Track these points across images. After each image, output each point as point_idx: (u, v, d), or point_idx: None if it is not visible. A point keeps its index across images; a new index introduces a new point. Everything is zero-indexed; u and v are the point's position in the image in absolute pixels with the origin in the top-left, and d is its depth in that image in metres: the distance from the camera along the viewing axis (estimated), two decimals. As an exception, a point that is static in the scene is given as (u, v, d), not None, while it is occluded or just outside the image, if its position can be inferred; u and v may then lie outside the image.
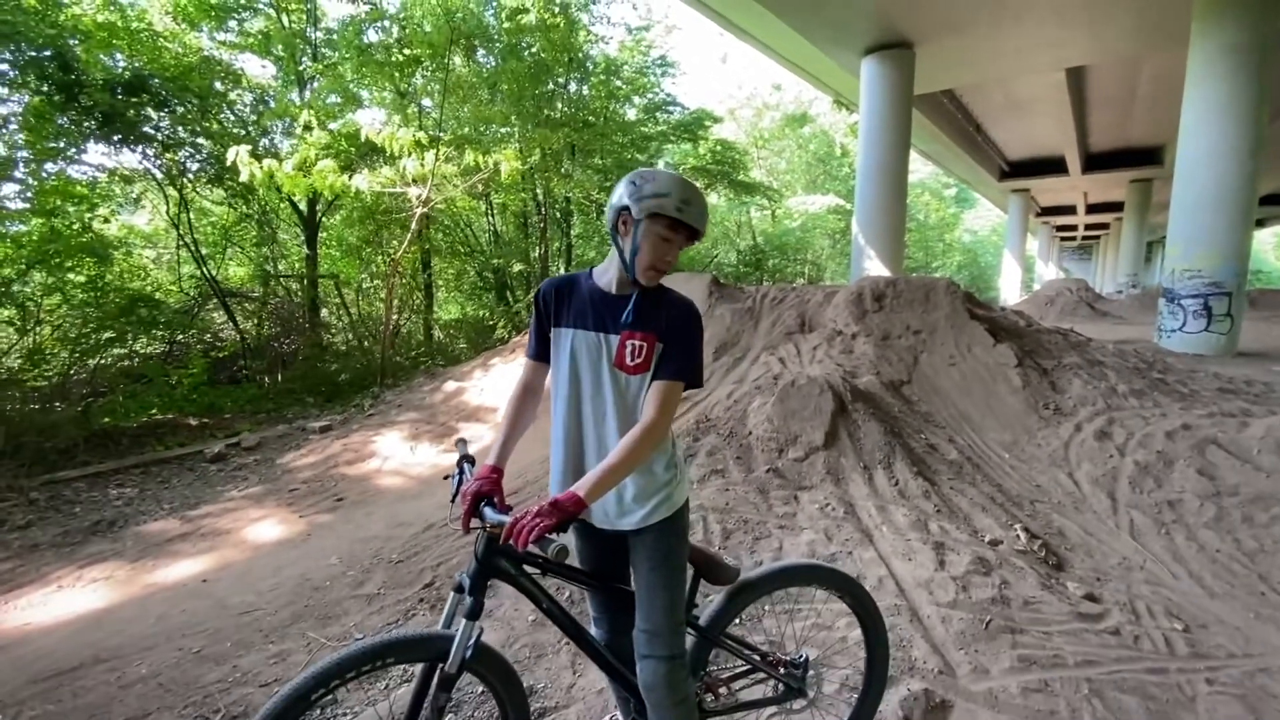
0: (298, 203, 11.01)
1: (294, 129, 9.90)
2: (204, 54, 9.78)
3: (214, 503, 4.78)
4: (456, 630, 1.45)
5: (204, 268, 10.03)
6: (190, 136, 9.47)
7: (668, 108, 16.13)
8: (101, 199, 8.80)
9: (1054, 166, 23.94)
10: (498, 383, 7.33)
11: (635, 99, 15.93)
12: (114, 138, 8.41)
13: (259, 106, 10.55)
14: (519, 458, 4.69)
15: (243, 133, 10.00)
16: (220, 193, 10.38)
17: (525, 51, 12.03)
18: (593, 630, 1.77)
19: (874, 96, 12.28)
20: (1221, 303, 8.50)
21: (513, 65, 11.63)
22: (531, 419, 1.67)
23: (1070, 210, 33.45)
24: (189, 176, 9.72)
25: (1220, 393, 5.34)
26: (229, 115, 10.33)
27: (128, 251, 9.50)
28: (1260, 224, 34.54)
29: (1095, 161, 23.10)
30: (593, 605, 1.80)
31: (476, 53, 11.90)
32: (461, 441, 1.77)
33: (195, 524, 4.36)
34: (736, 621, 2.76)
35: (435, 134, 9.32)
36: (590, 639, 1.66)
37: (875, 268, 12.14)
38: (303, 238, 11.67)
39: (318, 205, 11.18)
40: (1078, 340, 6.17)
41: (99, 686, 2.61)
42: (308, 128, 8.56)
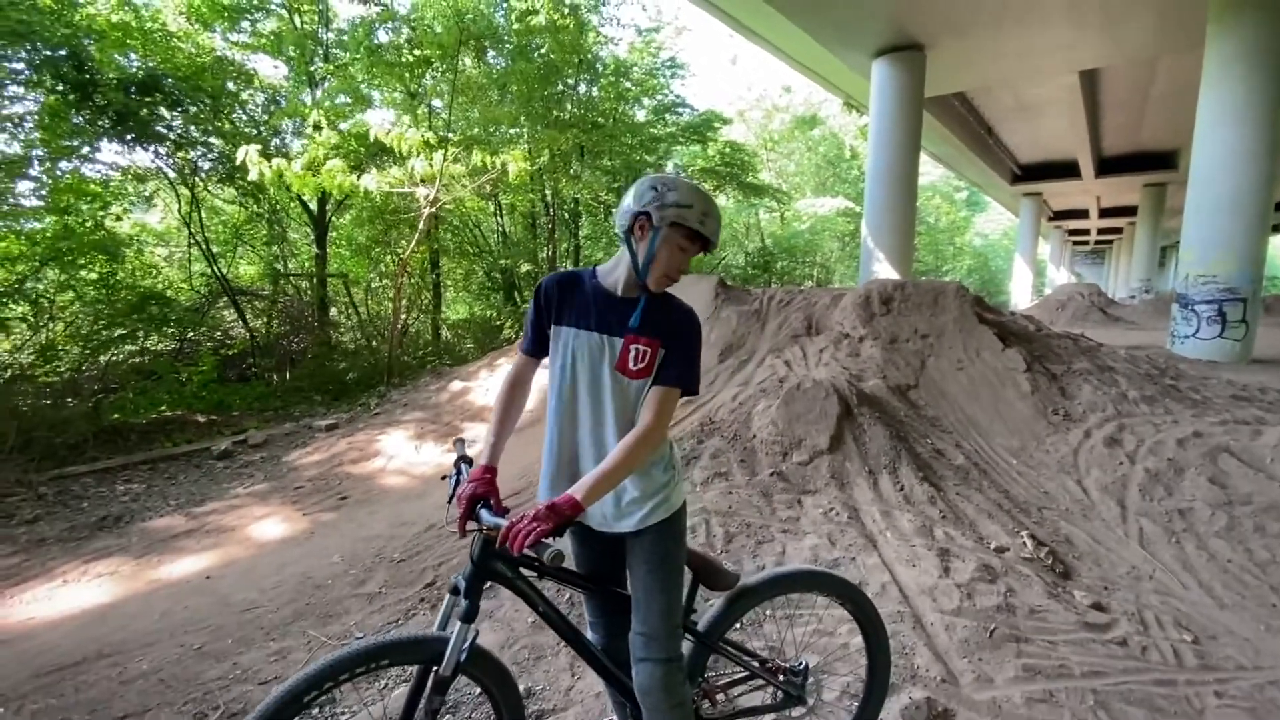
0: (308, 202, 11.08)
1: (304, 129, 9.97)
2: (217, 54, 9.87)
3: (220, 500, 4.81)
4: (452, 633, 1.44)
5: (214, 266, 10.12)
6: (202, 136, 9.55)
7: (677, 109, 16.12)
8: (114, 197, 8.89)
9: (1066, 170, 23.72)
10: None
11: (645, 100, 15.93)
12: (127, 137, 8.49)
13: (271, 107, 10.63)
14: (520, 458, 4.69)
15: (254, 132, 10.08)
16: (231, 192, 10.47)
17: (535, 53, 12.06)
18: (589, 634, 1.76)
19: (884, 99, 12.22)
20: (1236, 309, 8.39)
21: (521, 66, 11.66)
22: (520, 413, 1.67)
23: (1083, 214, 33.13)
24: (200, 175, 9.80)
25: (1234, 400, 5.26)
26: (241, 115, 10.42)
27: (139, 250, 9.58)
28: (1277, 229, 34.10)
29: (1108, 165, 22.86)
30: (589, 609, 1.78)
31: (487, 54, 11.95)
32: (459, 441, 1.76)
33: (200, 521, 4.38)
34: (737, 626, 2.76)
35: (444, 135, 9.35)
36: (586, 643, 1.65)
37: (884, 271, 12.07)
38: (313, 237, 11.75)
39: (327, 205, 11.24)
40: (1088, 345, 6.10)
41: (101, 681, 2.62)
42: (317, 127, 8.61)
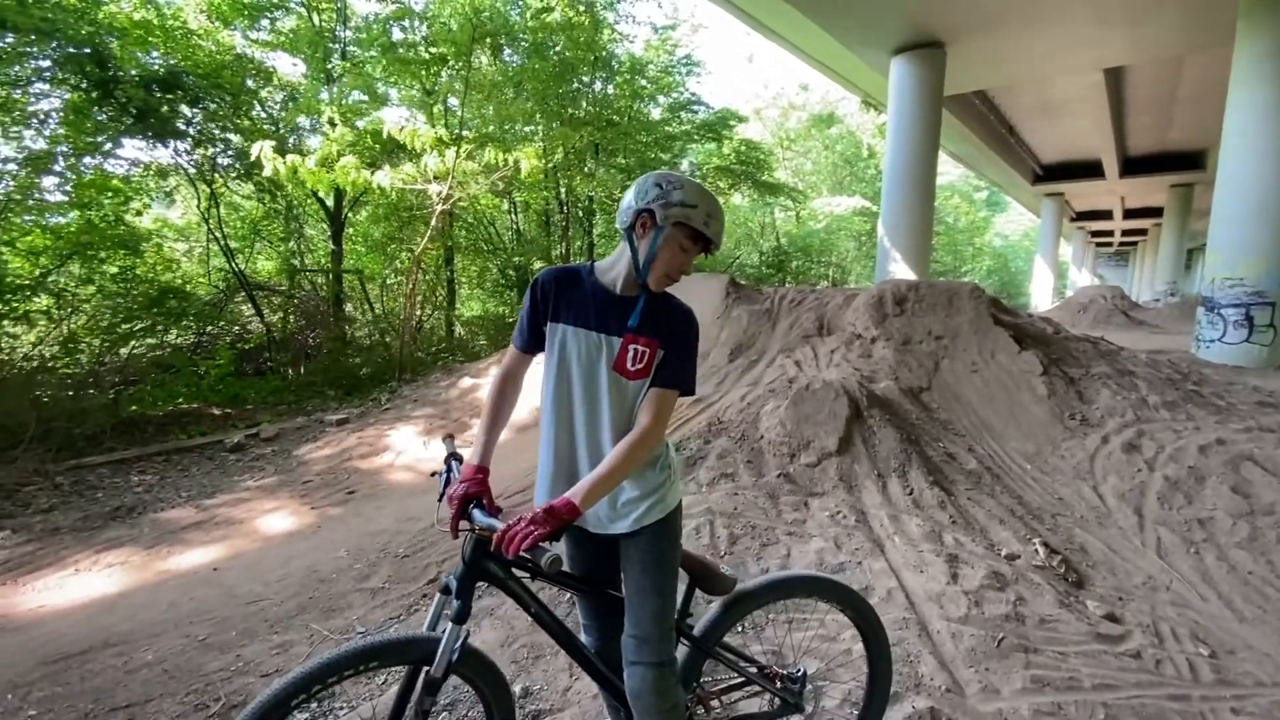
0: (324, 199, 11.18)
1: (320, 126, 10.06)
2: (236, 52, 9.99)
3: (230, 492, 4.86)
4: (442, 633, 1.42)
5: (232, 261, 10.24)
6: (221, 132, 9.67)
7: (692, 107, 16.04)
8: (136, 192, 9.04)
9: (1090, 170, 23.28)
10: (531, 379, 7.35)
11: (660, 98, 15.87)
12: (148, 133, 8.61)
13: (289, 104, 10.74)
14: (527, 457, 4.68)
15: (273, 129, 10.19)
16: (249, 188, 10.59)
17: (550, 50, 12.06)
18: (583, 637, 1.73)
19: (903, 97, 12.06)
20: (1264, 313, 8.17)
21: (536, 64, 11.67)
22: (512, 410, 1.66)
23: (1107, 215, 32.53)
24: (219, 172, 9.93)
25: (1259, 406, 5.12)
26: (261, 113, 10.54)
27: (158, 245, 9.73)
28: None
29: (1134, 165, 22.41)
30: (583, 611, 1.76)
31: (503, 51, 11.97)
32: (449, 438, 1.74)
33: (210, 513, 4.43)
34: (738, 629, 2.72)
35: (459, 132, 9.38)
36: (580, 645, 1.62)
37: (901, 271, 11.92)
38: (329, 233, 11.86)
39: (343, 201, 11.34)
40: (1108, 349, 5.97)
41: (106, 671, 2.65)
42: (331, 123, 8.68)
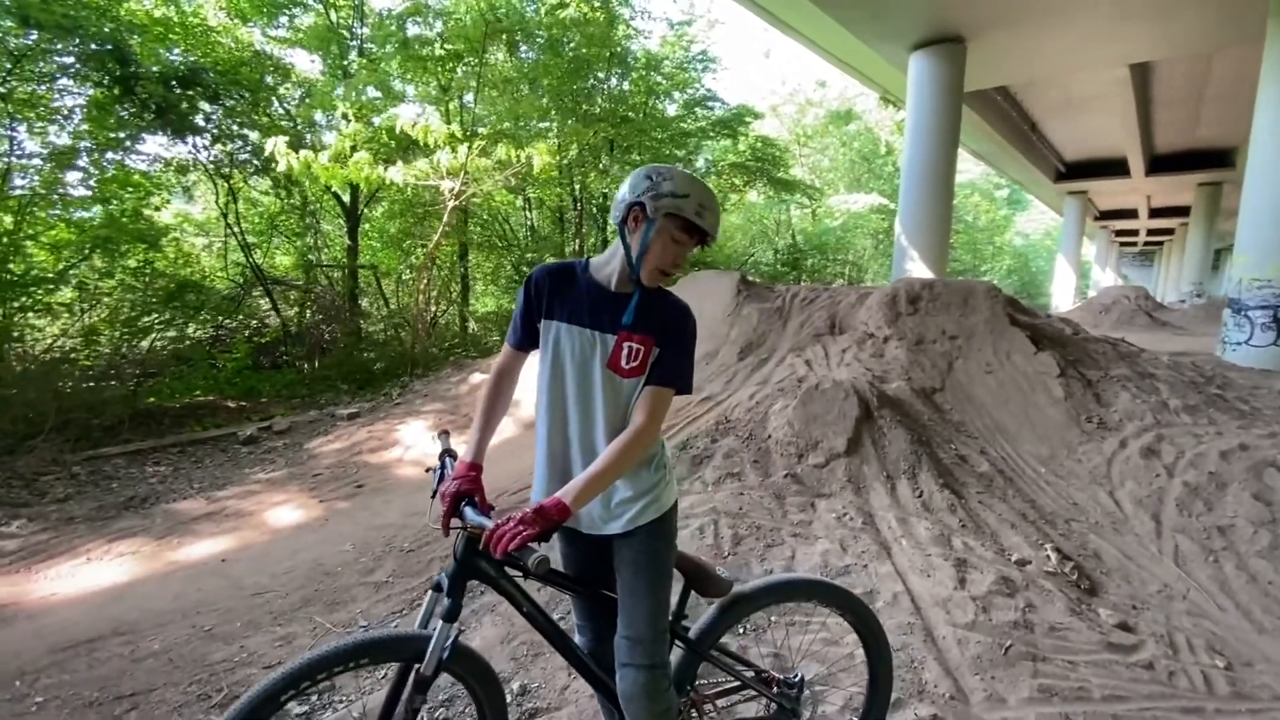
0: (340, 194, 11.28)
1: (335, 122, 10.14)
2: (255, 49, 10.09)
3: (240, 484, 4.92)
4: (434, 631, 1.41)
5: (250, 256, 10.37)
6: (239, 129, 9.78)
7: (708, 103, 15.93)
8: (156, 188, 9.17)
9: (1115, 168, 22.80)
10: (522, 376, 7.36)
11: (675, 94, 15.79)
12: (167, 129, 8.73)
13: (306, 100, 10.84)
14: (528, 455, 4.68)
15: (290, 126, 10.29)
16: (266, 183, 10.71)
17: (565, 47, 12.04)
18: (576, 637, 1.72)
19: (922, 93, 11.88)
20: (1293, 315, 7.97)
21: (550, 60, 11.65)
22: (507, 408, 1.65)
23: (1131, 214, 31.88)
24: (237, 167, 10.05)
25: (1285, 411, 4.97)
26: (279, 109, 10.65)
27: (175, 240, 9.87)
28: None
29: (1160, 163, 21.92)
30: (577, 611, 1.74)
31: (519, 48, 11.97)
32: (444, 434, 1.73)
33: (220, 504, 4.48)
34: (739, 631, 2.69)
35: (473, 129, 9.41)
36: (573, 646, 1.61)
37: (918, 270, 11.76)
38: (345, 229, 11.96)
39: (359, 197, 11.43)
40: (1128, 350, 5.83)
41: (113, 659, 2.69)
42: (345, 118, 8.75)
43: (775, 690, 1.80)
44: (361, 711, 2.14)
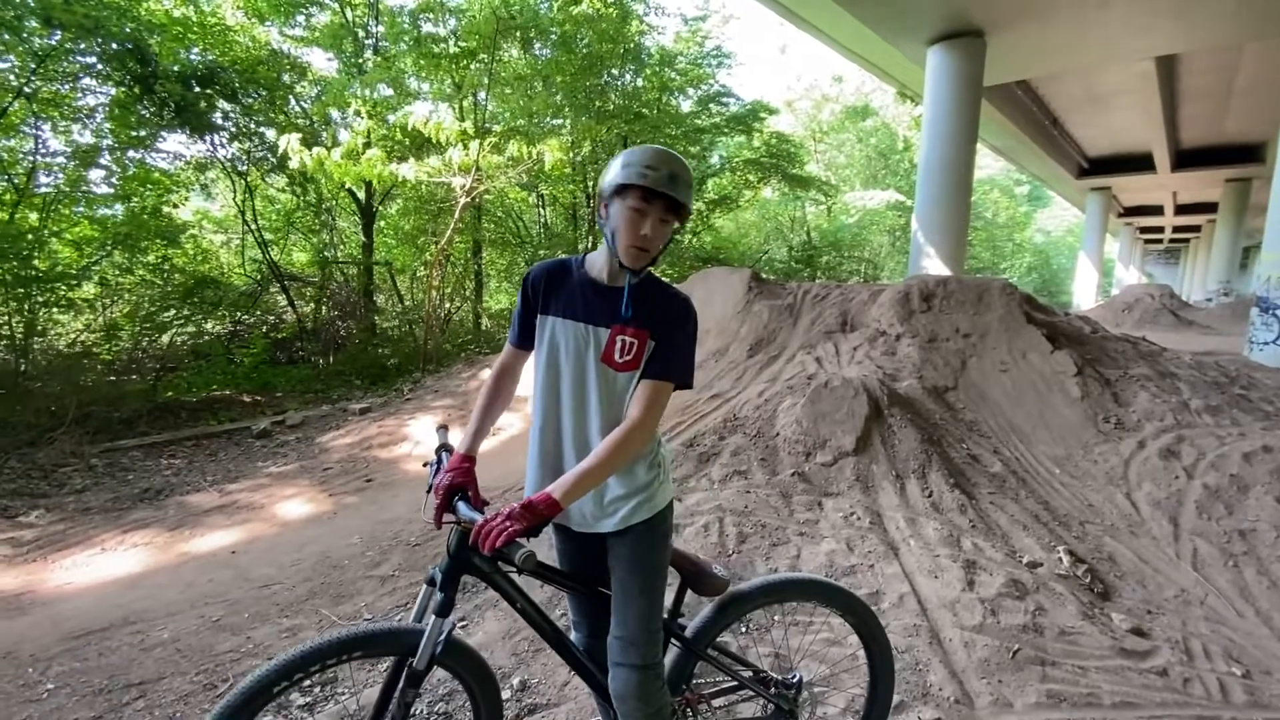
0: (355, 191, 11.37)
1: (349, 119, 10.22)
2: (272, 48, 10.19)
3: (252, 478, 4.98)
4: (427, 625, 1.41)
5: (266, 252, 10.49)
6: (256, 127, 9.89)
7: (723, 100, 15.82)
8: (176, 185, 9.31)
9: (1139, 163, 22.32)
10: (530, 373, 7.39)
11: (690, 90, 15.69)
12: (186, 127, 8.85)
13: (320, 97, 10.94)
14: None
15: (307, 123, 10.39)
16: (283, 180, 10.82)
17: (578, 43, 12.02)
18: (572, 634, 1.71)
19: (939, 88, 11.69)
20: (1323, 314, 7.76)
21: (563, 57, 11.64)
22: (506, 405, 1.65)
23: (1157, 211, 31.21)
24: (254, 164, 10.17)
25: (1313, 413, 4.83)
26: (296, 107, 10.75)
27: (194, 237, 10.01)
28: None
29: (1186, 158, 21.40)
30: (572, 608, 1.73)
31: (534, 45, 11.96)
32: (442, 429, 1.73)
33: (232, 497, 4.54)
34: (741, 630, 2.67)
35: (485, 126, 9.42)
36: (568, 643, 1.60)
37: (934, 267, 11.60)
38: (360, 225, 12.07)
39: (373, 194, 11.52)
40: (1149, 350, 5.70)
41: (122, 648, 2.73)
42: (358, 114, 8.80)
43: (773, 690, 1.78)
44: (356, 704, 2.15)
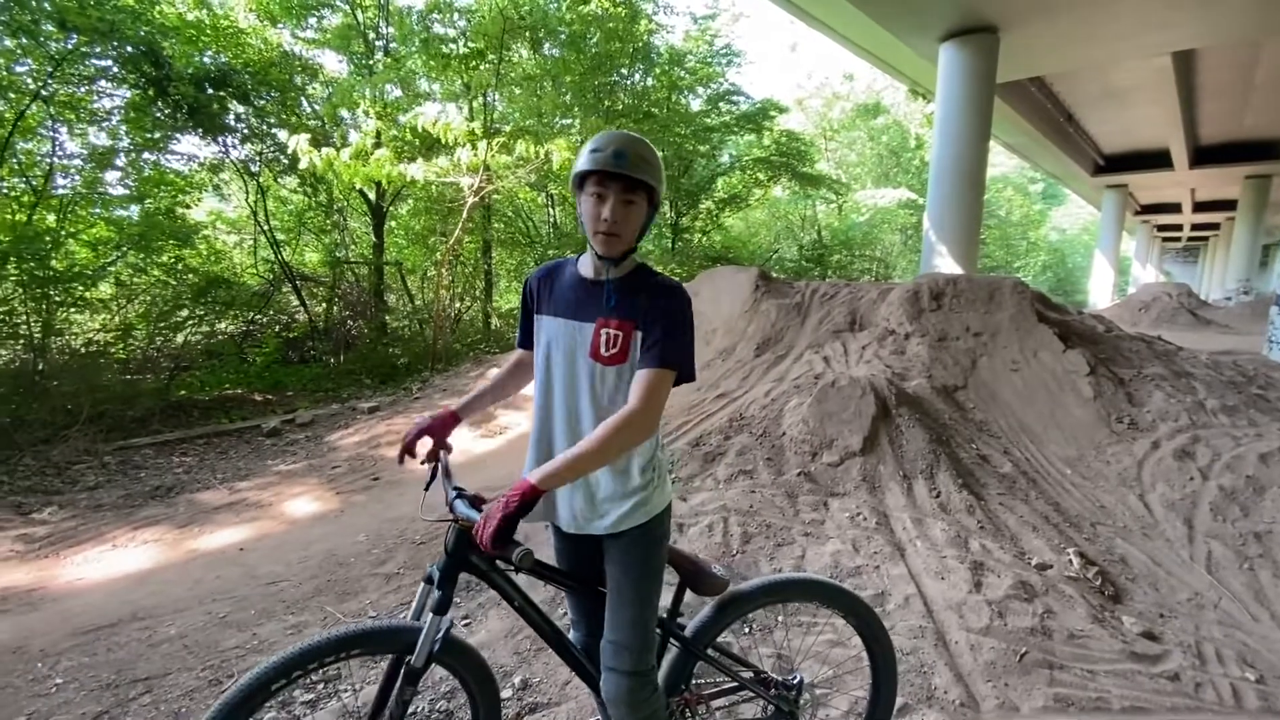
0: (366, 192, 11.45)
1: (359, 120, 10.29)
2: (284, 50, 10.28)
3: (261, 475, 5.03)
4: (424, 623, 1.41)
5: (279, 253, 10.58)
6: (269, 128, 9.98)
7: (732, 98, 15.78)
8: (190, 186, 9.41)
9: (1156, 160, 21.96)
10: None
11: (699, 89, 15.66)
12: (199, 129, 8.95)
13: (330, 98, 11.01)
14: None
15: (318, 125, 10.46)
16: (295, 181, 10.92)
17: (587, 43, 12.01)
18: (571, 633, 1.70)
19: (952, 85, 11.56)
20: (1345, 313, 7.59)
21: (571, 57, 11.64)
22: (513, 391, 1.74)
23: (1174, 208, 30.73)
24: (266, 165, 10.26)
25: (1333, 414, 4.72)
26: (307, 108, 10.84)
27: (207, 237, 10.11)
28: (1404, 226, 30.73)
29: (1205, 155, 21.04)
30: (570, 606, 1.72)
31: (543, 45, 11.98)
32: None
33: (241, 495, 4.59)
34: (744, 631, 2.65)
35: (494, 126, 9.45)
36: (566, 642, 1.60)
37: (946, 266, 11.48)
38: (371, 225, 12.15)
39: (383, 194, 11.58)
40: (1164, 349, 5.61)
41: (130, 643, 2.76)
42: (367, 115, 8.85)
43: (773, 691, 1.76)
44: (362, 701, 2.16)
